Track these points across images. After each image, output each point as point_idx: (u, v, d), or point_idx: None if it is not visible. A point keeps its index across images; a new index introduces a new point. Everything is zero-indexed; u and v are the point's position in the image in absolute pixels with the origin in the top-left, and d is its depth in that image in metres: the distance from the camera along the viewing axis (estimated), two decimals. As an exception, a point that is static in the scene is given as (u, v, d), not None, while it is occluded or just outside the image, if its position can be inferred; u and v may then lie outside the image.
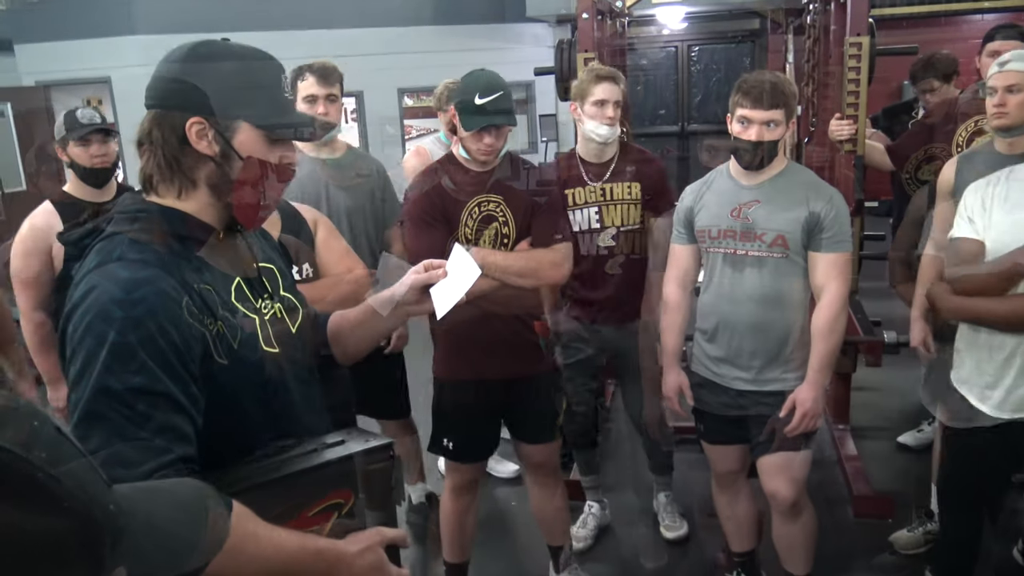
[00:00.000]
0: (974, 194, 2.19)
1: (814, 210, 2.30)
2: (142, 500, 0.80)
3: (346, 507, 1.25)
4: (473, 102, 2.31)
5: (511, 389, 2.50)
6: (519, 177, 2.47)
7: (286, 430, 1.30)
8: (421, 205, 2.42)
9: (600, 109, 2.80)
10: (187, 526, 0.84)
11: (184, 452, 1.10)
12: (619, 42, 4.60)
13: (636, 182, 2.90)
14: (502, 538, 3.34)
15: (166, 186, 1.25)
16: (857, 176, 3.52)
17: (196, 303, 1.17)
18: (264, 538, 1.08)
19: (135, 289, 1.12)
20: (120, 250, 1.17)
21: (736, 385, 2.44)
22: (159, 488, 0.90)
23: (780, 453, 2.40)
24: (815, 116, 4.38)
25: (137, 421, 1.07)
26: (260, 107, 1.25)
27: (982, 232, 2.13)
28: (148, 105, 1.26)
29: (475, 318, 2.38)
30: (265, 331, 1.29)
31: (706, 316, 2.49)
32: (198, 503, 0.88)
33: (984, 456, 2.22)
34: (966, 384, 2.22)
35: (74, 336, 1.12)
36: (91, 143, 2.72)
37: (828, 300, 2.32)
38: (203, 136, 1.21)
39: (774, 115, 2.25)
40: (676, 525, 3.24)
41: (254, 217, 1.31)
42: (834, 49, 3.88)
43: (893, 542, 3.06)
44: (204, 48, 1.24)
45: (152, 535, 0.78)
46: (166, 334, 1.11)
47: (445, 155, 2.53)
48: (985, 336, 2.12)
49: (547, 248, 2.43)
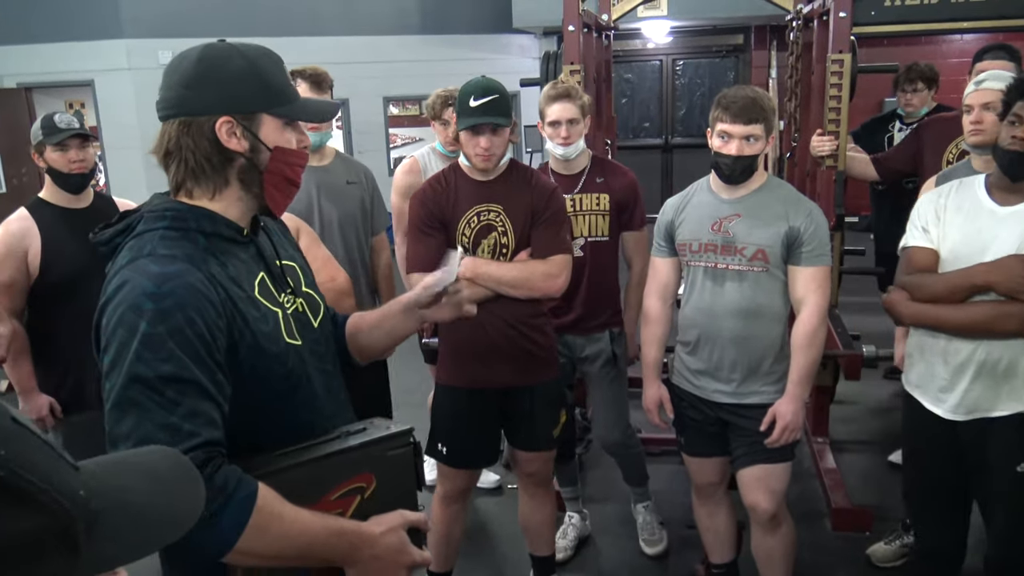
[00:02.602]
0: (927, 204, 2.23)
1: (794, 224, 2.32)
2: (112, 476, 0.78)
3: (368, 491, 1.30)
4: (468, 104, 2.34)
5: (509, 397, 2.50)
6: (525, 185, 2.47)
7: (309, 420, 1.35)
8: (419, 213, 2.44)
9: (554, 130, 2.83)
10: (162, 496, 0.82)
11: (211, 436, 1.16)
12: (605, 55, 4.63)
13: (605, 194, 2.92)
14: (483, 548, 3.33)
15: (201, 189, 1.31)
16: (838, 191, 3.55)
17: (222, 297, 1.23)
18: (289, 518, 1.16)
19: (165, 283, 1.18)
20: (151, 246, 1.23)
21: (717, 398, 2.45)
22: (129, 460, 0.89)
23: (760, 465, 2.41)
24: (797, 131, 4.43)
25: (167, 407, 1.13)
26: (274, 97, 1.30)
27: (936, 242, 2.17)
28: (168, 115, 1.28)
29: (475, 327, 2.39)
30: (288, 325, 1.34)
31: (687, 329, 2.50)
32: (171, 470, 0.86)
33: (941, 459, 2.25)
34: (919, 388, 2.26)
35: (107, 328, 1.18)
36: (69, 148, 2.68)
37: (808, 314, 2.34)
38: (232, 134, 1.27)
39: (754, 130, 2.27)
40: (655, 539, 3.23)
41: (284, 203, 1.38)
42: (816, 65, 3.93)
43: (870, 555, 3.08)
44: (210, 51, 1.28)
45: (127, 511, 0.76)
46: (194, 325, 1.17)
47: (451, 164, 2.54)
48: (943, 341, 2.15)
49: (542, 260, 2.43)
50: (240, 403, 1.24)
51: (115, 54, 7.85)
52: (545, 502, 2.75)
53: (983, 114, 2.56)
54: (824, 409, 3.93)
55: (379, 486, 1.31)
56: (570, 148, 2.85)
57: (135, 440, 1.11)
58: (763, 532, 2.52)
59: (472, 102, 2.33)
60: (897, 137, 4.52)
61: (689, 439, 2.59)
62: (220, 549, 1.14)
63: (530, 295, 2.44)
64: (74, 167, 2.70)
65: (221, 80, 1.26)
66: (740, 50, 9.85)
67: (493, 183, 2.45)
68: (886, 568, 3.04)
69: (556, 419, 2.61)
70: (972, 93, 2.61)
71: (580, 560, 3.21)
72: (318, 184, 2.84)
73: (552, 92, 2.84)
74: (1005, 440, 2.10)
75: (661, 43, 9.93)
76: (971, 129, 2.60)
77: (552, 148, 2.88)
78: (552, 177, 2.94)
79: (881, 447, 3.96)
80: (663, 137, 10.25)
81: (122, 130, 7.89)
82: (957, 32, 8.31)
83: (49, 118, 2.72)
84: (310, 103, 1.42)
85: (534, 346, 2.51)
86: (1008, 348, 2.06)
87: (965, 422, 2.15)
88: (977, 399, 2.12)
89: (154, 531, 0.80)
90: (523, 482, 2.75)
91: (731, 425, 2.46)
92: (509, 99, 2.38)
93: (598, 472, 3.81)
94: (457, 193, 2.44)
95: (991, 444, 2.13)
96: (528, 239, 2.45)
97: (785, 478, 2.46)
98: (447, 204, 2.43)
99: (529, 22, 8.47)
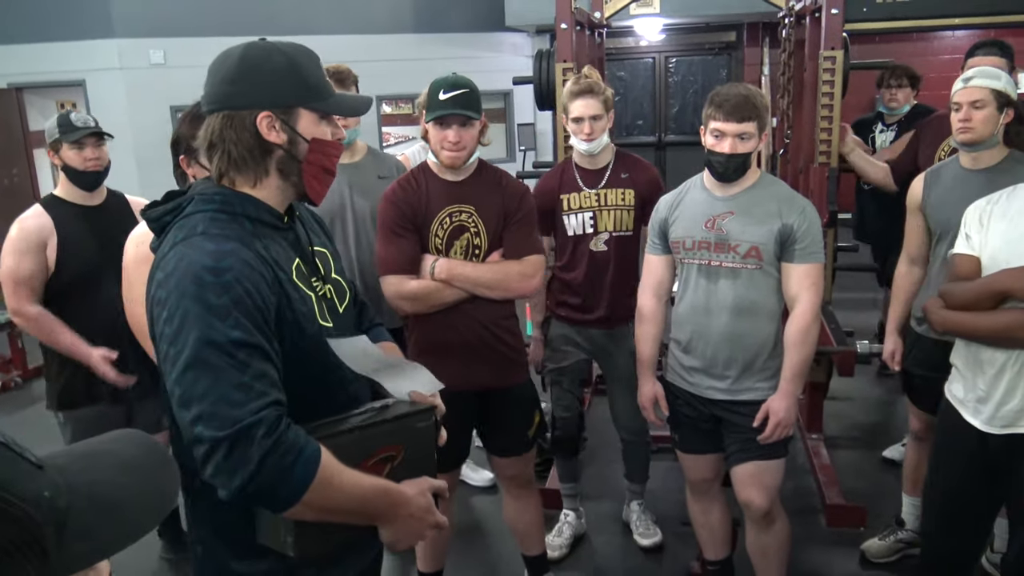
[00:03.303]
0: (974, 211, 2.20)
1: (787, 222, 2.33)
2: (81, 470, 0.76)
3: (397, 459, 1.44)
4: (437, 98, 2.33)
5: (484, 400, 2.49)
6: (496, 186, 2.47)
7: (335, 395, 1.45)
8: (390, 214, 2.42)
9: (578, 126, 2.84)
10: (134, 488, 0.79)
11: (278, 396, 1.26)
12: (598, 53, 4.63)
13: (631, 189, 2.93)
14: (477, 547, 3.33)
15: (243, 178, 1.39)
16: (830, 188, 3.56)
17: (271, 275, 1.33)
18: (347, 476, 1.30)
19: (223, 259, 1.27)
20: (203, 226, 1.32)
21: (711, 395, 2.45)
22: (99, 451, 0.85)
23: (754, 462, 2.42)
24: (790, 128, 4.43)
25: (239, 367, 1.23)
26: (311, 92, 1.39)
27: (978, 248, 2.13)
28: (212, 110, 1.37)
29: (448, 328, 2.39)
30: (320, 308, 1.44)
31: (681, 326, 2.50)
32: (143, 457, 0.84)
33: (971, 469, 2.23)
34: (960, 400, 2.22)
35: (166, 299, 1.26)
36: (85, 146, 2.72)
37: (801, 310, 2.34)
38: (272, 127, 1.36)
39: (746, 128, 2.27)
40: (650, 532, 3.24)
41: (322, 191, 1.45)
42: (809, 63, 3.93)
43: (865, 551, 3.09)
44: (252, 50, 1.37)
45: (98, 506, 0.74)
46: (252, 296, 1.27)
47: (419, 164, 2.53)
48: (977, 350, 2.13)
49: (517, 260, 2.43)
50: (282, 378, 1.32)
51: (106, 54, 7.81)
52: (530, 502, 2.75)
53: (972, 112, 2.54)
54: (818, 405, 3.94)
55: (407, 455, 1.45)
56: (593, 144, 2.86)
57: (213, 398, 1.20)
58: (757, 528, 2.53)
59: (441, 95, 2.32)
60: (879, 137, 4.57)
61: (683, 436, 2.60)
62: (290, 500, 1.24)
63: (506, 296, 2.45)
64: (89, 165, 2.75)
65: (261, 77, 1.35)
66: (733, 47, 9.85)
67: (464, 184, 2.44)
68: (880, 563, 3.05)
69: (531, 420, 2.61)
70: (960, 90, 2.59)
71: (576, 558, 3.21)
72: (350, 182, 2.83)
73: (575, 88, 2.83)
74: None
75: (654, 41, 9.92)
76: (960, 127, 2.58)
77: (576, 144, 2.89)
78: (576, 172, 2.96)
79: (875, 443, 3.98)
80: (656, 135, 10.25)
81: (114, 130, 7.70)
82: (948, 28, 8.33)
83: (65, 116, 2.76)
84: (344, 98, 1.49)
85: (506, 347, 2.51)
86: None
87: (998, 435, 2.13)
88: (1012, 411, 2.09)
89: (130, 524, 0.77)
90: (506, 485, 2.75)
91: (725, 422, 2.46)
92: (479, 96, 2.37)
93: (593, 470, 3.82)
94: (429, 194, 2.42)
95: (1022, 458, 2.10)
96: (500, 240, 2.44)
97: (779, 474, 2.47)
98: (419, 204, 2.41)
99: (522, 20, 8.47)
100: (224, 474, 1.21)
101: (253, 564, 1.41)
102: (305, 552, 1.34)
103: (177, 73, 7.73)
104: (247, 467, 1.19)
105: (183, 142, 2.09)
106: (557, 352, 3.03)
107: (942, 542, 2.40)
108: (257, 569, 1.41)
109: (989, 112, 2.54)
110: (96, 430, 2.99)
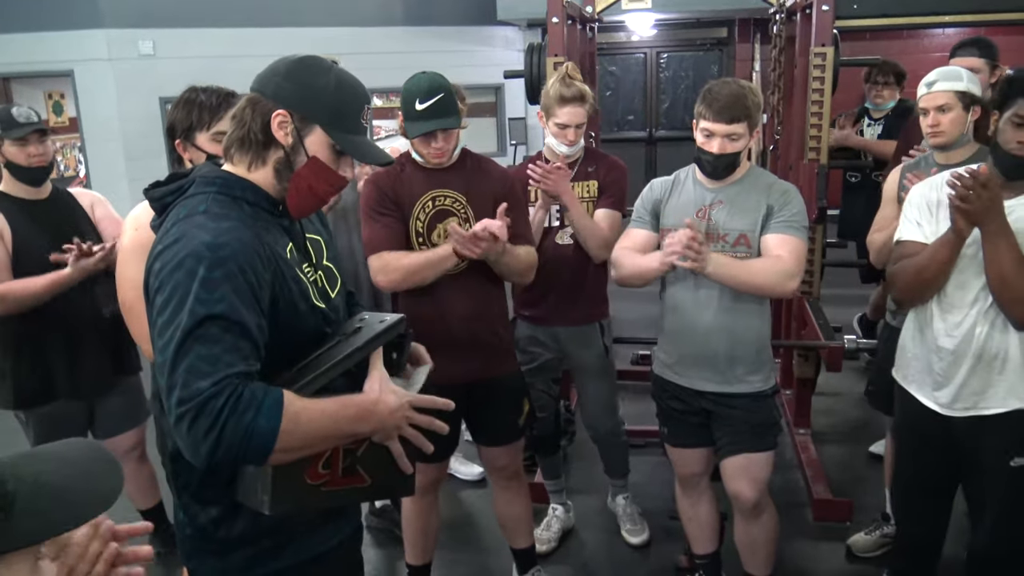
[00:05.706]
0: (919, 197, 2.23)
1: (770, 203, 2.32)
2: (27, 464, 0.93)
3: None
4: (414, 108, 2.31)
5: (472, 392, 2.49)
6: (482, 172, 2.48)
7: None
8: (373, 196, 2.43)
9: (562, 131, 2.83)
10: (78, 479, 0.95)
11: (244, 368, 1.30)
12: (589, 47, 4.63)
13: (595, 180, 2.93)
14: (466, 540, 3.34)
15: (240, 157, 1.46)
16: (819, 184, 3.57)
17: (268, 255, 1.39)
18: (310, 407, 1.34)
19: (221, 236, 1.33)
20: (205, 206, 1.39)
21: (699, 387, 2.46)
22: (44, 452, 1.02)
23: (744, 454, 2.43)
24: (780, 124, 4.45)
25: (213, 341, 1.28)
26: (335, 119, 1.44)
27: (930, 237, 2.16)
28: (253, 88, 1.46)
29: (435, 320, 2.38)
30: (313, 290, 1.50)
31: (670, 319, 2.50)
32: (86, 458, 1.00)
33: (933, 452, 2.27)
34: (915, 383, 2.27)
35: (163, 271, 1.32)
36: (28, 143, 2.67)
37: (775, 257, 2.28)
38: (283, 127, 1.42)
39: (735, 129, 2.26)
40: (638, 529, 3.25)
41: (302, 208, 1.50)
42: (799, 59, 3.94)
43: (851, 545, 3.12)
44: (314, 60, 1.46)
45: (43, 492, 0.91)
46: (245, 274, 1.33)
47: (403, 153, 2.53)
48: (934, 336, 2.17)
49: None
50: (273, 353, 1.38)
51: (95, 44, 7.74)
52: (519, 494, 2.75)
53: (939, 116, 2.59)
54: (806, 401, 3.96)
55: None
56: (574, 148, 2.88)
57: (183, 369, 1.26)
58: (746, 520, 2.54)
59: (418, 105, 2.30)
60: (867, 132, 4.64)
61: (672, 430, 2.60)
62: (263, 452, 1.28)
63: (522, 282, 2.56)
64: (34, 161, 2.70)
65: (303, 83, 1.42)
66: (724, 43, 9.87)
67: (448, 170, 2.45)
68: (866, 558, 3.07)
69: (521, 409, 2.62)
70: (925, 96, 2.64)
71: (564, 552, 3.22)
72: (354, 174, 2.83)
73: (566, 93, 2.77)
74: (999, 436, 2.11)
75: (645, 36, 9.93)
76: (929, 132, 2.64)
77: (554, 145, 2.88)
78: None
79: (862, 438, 4.00)
80: (647, 130, 10.26)
81: (102, 121, 7.78)
82: (939, 26, 8.36)
83: (7, 112, 2.70)
84: (363, 143, 1.50)
85: (495, 338, 2.52)
86: (1003, 342, 2.07)
87: (959, 418, 2.16)
88: (972, 394, 2.13)
89: (76, 507, 0.94)
90: (495, 477, 2.75)
91: (714, 415, 2.47)
92: (455, 94, 2.35)
93: (580, 464, 3.83)
94: (412, 177, 2.43)
95: (985, 440, 2.14)
96: None
97: (768, 467, 2.48)
98: (401, 187, 2.42)
99: (513, 14, 8.44)
100: (191, 446, 1.27)
101: (230, 527, 1.47)
102: (280, 510, 1.38)
103: (166, 64, 7.67)
104: (209, 436, 1.24)
105: (178, 127, 2.09)
106: (525, 353, 3.01)
107: (910, 526, 2.45)
108: (233, 532, 1.47)
109: (956, 114, 2.59)
110: (59, 427, 3.08)
